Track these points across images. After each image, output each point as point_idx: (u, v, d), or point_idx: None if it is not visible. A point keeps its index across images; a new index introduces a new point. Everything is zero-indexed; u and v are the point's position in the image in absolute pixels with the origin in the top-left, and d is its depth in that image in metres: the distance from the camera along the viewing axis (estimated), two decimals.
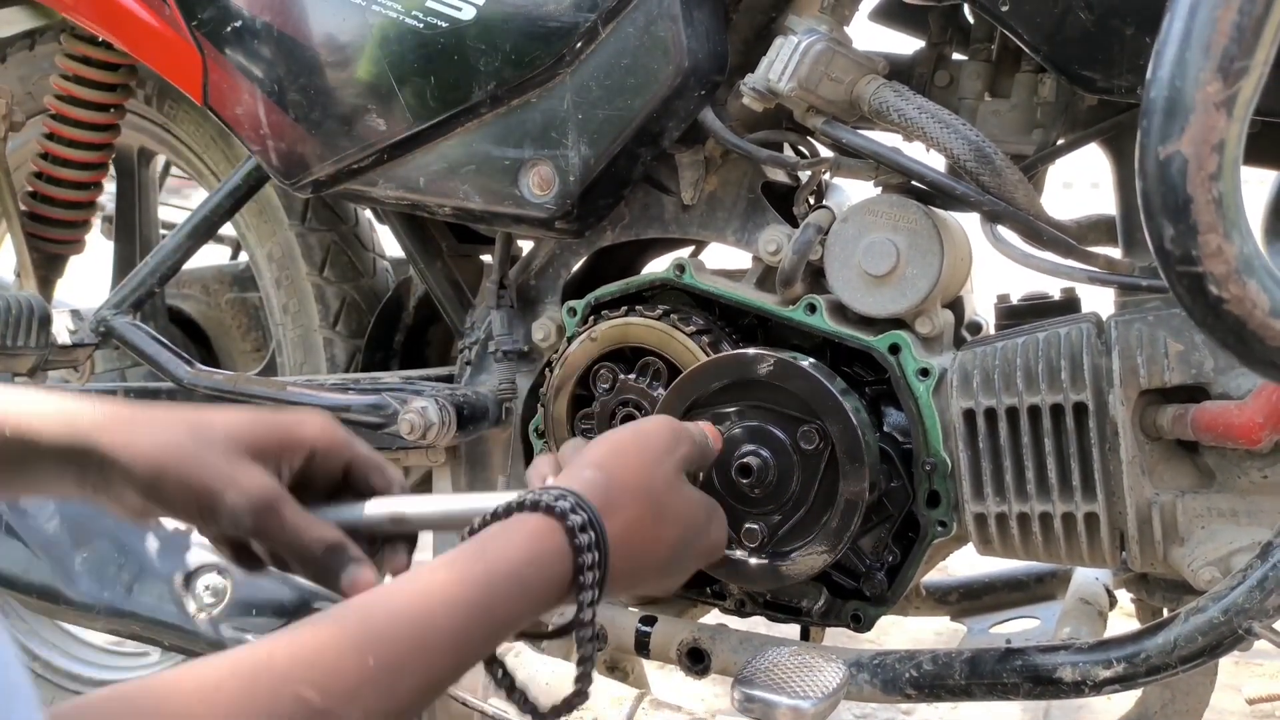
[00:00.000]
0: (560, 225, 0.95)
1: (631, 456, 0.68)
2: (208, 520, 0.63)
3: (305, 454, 0.66)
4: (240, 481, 0.62)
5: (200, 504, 0.62)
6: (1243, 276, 0.43)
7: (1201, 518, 0.80)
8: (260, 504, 0.62)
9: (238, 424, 0.65)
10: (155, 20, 1.06)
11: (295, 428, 0.66)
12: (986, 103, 0.93)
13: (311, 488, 0.67)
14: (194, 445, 0.63)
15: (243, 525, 0.62)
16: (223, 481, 0.62)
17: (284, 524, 0.63)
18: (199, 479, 0.62)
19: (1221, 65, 0.42)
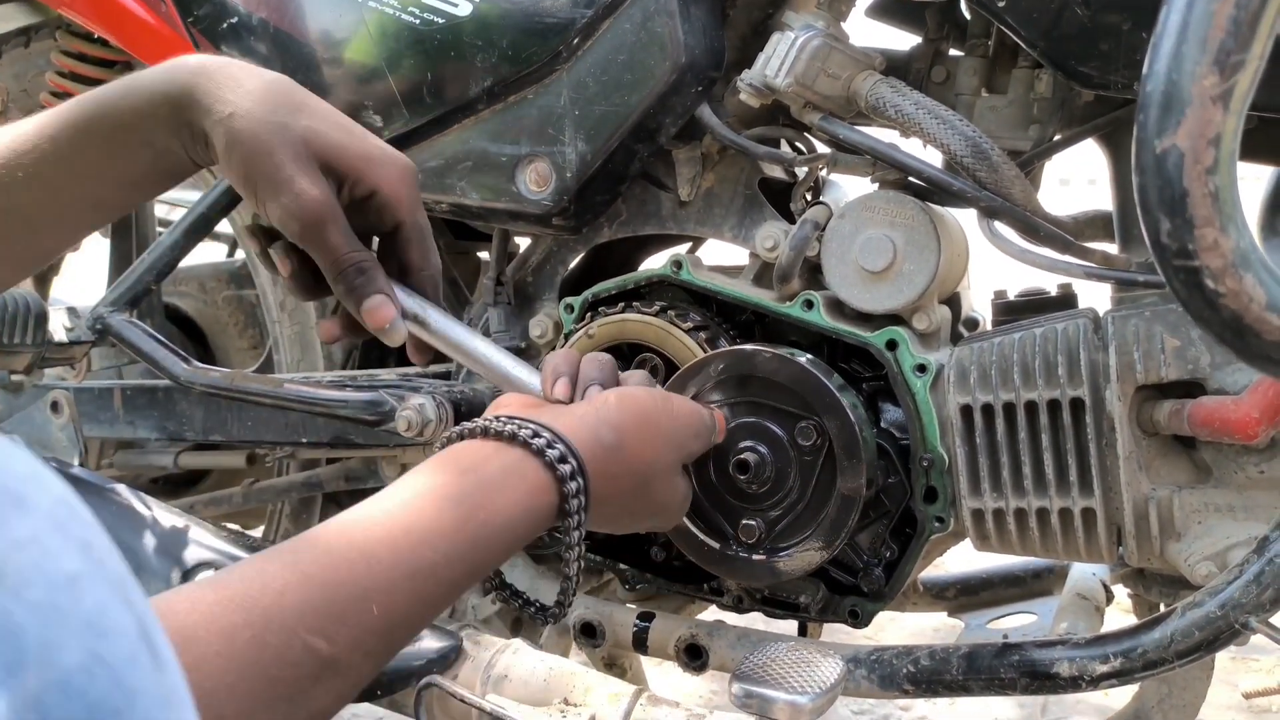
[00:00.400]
0: (557, 222, 0.95)
1: (651, 436, 0.69)
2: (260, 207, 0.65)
3: (368, 191, 0.68)
4: (299, 187, 0.64)
5: (257, 192, 0.65)
6: (1239, 270, 0.43)
7: (1198, 513, 0.80)
8: (310, 216, 0.64)
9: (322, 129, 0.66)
10: (151, 17, 1.06)
11: (371, 164, 0.68)
12: (983, 98, 0.93)
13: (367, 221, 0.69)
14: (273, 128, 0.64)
15: (290, 229, 0.65)
16: (284, 180, 0.64)
17: (328, 239, 0.65)
18: (263, 168, 0.64)
19: (1218, 59, 0.42)
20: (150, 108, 0.66)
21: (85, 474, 1.03)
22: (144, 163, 0.69)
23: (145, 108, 0.66)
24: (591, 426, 0.66)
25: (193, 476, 1.43)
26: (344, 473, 1.19)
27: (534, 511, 0.61)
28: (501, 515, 0.59)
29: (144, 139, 0.67)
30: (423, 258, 0.71)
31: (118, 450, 1.35)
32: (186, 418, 1.17)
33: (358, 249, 0.67)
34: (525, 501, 0.60)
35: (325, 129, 0.66)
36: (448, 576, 0.56)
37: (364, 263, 0.67)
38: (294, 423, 1.10)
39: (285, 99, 0.66)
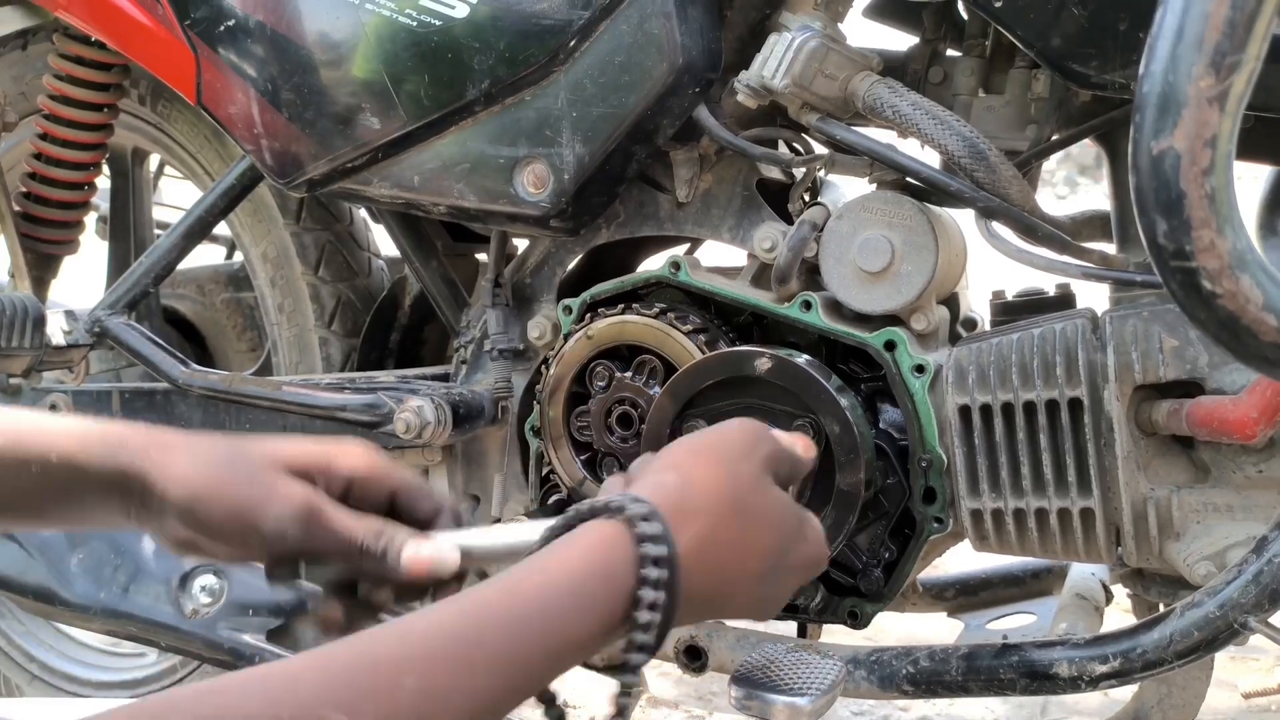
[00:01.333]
0: (555, 223, 0.95)
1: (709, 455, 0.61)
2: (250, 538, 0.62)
3: (344, 482, 0.65)
4: (281, 492, 0.62)
5: (242, 521, 0.61)
6: (1236, 271, 0.43)
7: (1197, 513, 0.80)
8: (304, 509, 0.61)
9: (275, 448, 0.65)
10: (148, 19, 1.06)
11: (333, 455, 0.65)
12: (981, 99, 0.93)
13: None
14: (231, 466, 0.63)
15: (290, 535, 0.61)
16: (263, 495, 0.62)
17: (331, 523, 0.62)
18: (239, 495, 0.62)
19: (1214, 60, 0.42)
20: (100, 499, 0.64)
21: None
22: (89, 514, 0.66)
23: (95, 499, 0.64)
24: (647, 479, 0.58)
25: None
26: None
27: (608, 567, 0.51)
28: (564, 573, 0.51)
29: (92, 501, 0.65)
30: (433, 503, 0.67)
31: None
32: (185, 420, 1.17)
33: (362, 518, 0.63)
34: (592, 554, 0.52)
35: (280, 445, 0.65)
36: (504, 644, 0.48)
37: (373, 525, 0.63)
38: (292, 425, 1.10)
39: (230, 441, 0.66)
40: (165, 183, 1.94)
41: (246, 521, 0.61)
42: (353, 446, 0.67)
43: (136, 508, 0.64)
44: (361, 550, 0.62)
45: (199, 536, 0.63)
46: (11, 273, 1.28)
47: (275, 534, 0.61)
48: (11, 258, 1.26)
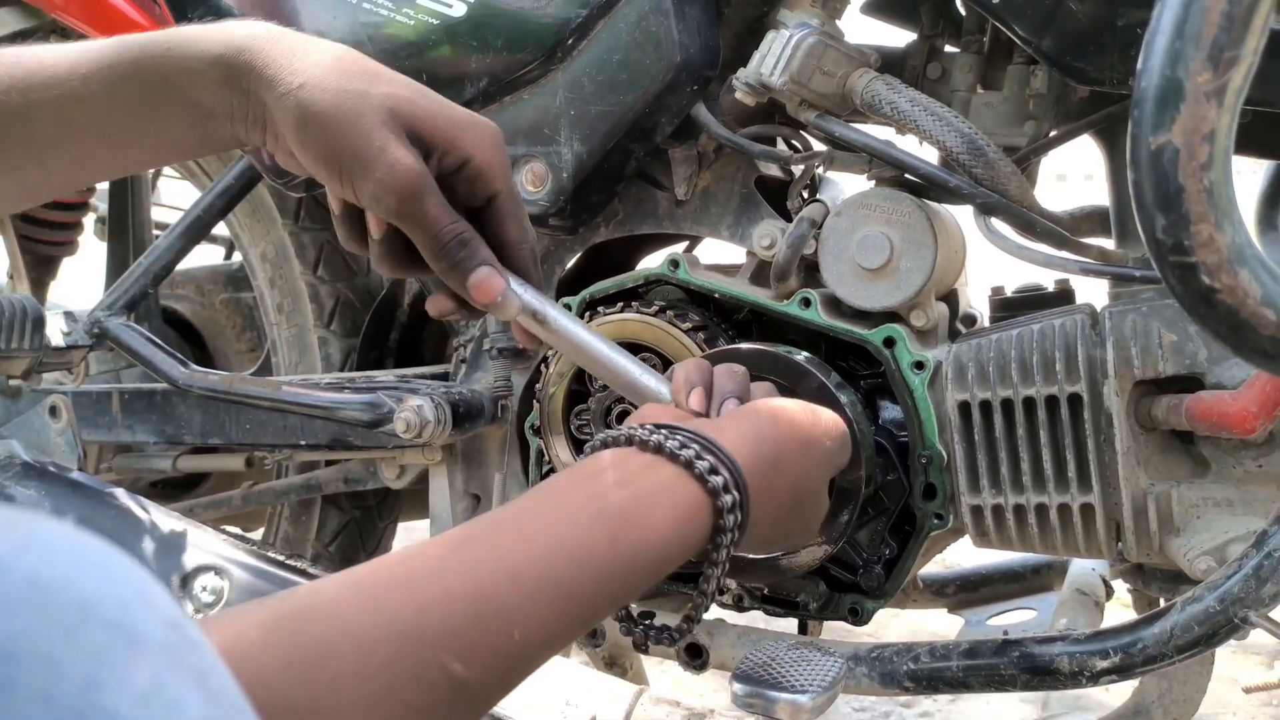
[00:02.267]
0: (554, 222, 0.95)
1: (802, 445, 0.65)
2: (345, 186, 0.59)
3: (459, 161, 0.62)
4: (392, 158, 0.58)
5: (343, 167, 0.58)
6: (1234, 266, 0.43)
7: (1197, 507, 0.80)
8: (407, 186, 0.58)
9: (405, 95, 0.60)
10: (145, 20, 1.06)
11: (462, 131, 0.62)
12: (979, 95, 0.93)
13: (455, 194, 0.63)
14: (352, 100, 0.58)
15: (385, 204, 0.59)
16: (374, 153, 0.58)
17: (426, 211, 0.59)
18: (349, 140, 0.58)
19: (1212, 55, 0.42)
20: (201, 68, 0.59)
21: (84, 478, 1.03)
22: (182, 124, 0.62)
23: (195, 66, 0.59)
24: (751, 441, 0.61)
25: (191, 480, 1.43)
26: (343, 475, 1.19)
27: (688, 533, 0.56)
28: (655, 535, 0.54)
29: (188, 100, 0.60)
30: (520, 231, 0.65)
31: (116, 454, 1.35)
32: (185, 421, 1.17)
33: (456, 220, 0.61)
34: (680, 522, 0.55)
35: (409, 95, 0.60)
36: (593, 599, 0.51)
37: (465, 234, 0.61)
38: (292, 425, 1.10)
39: (359, 66, 0.60)
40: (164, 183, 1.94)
41: (348, 170, 0.58)
42: (483, 129, 0.63)
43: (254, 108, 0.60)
44: (442, 249, 0.60)
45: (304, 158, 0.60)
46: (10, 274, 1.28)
47: (372, 196, 0.59)
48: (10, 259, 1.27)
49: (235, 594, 0.93)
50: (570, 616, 0.50)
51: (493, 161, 0.63)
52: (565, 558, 0.50)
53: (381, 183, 0.58)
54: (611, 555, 0.52)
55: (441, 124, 0.61)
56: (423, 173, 0.59)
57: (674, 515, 0.55)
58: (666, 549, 0.55)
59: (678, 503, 0.56)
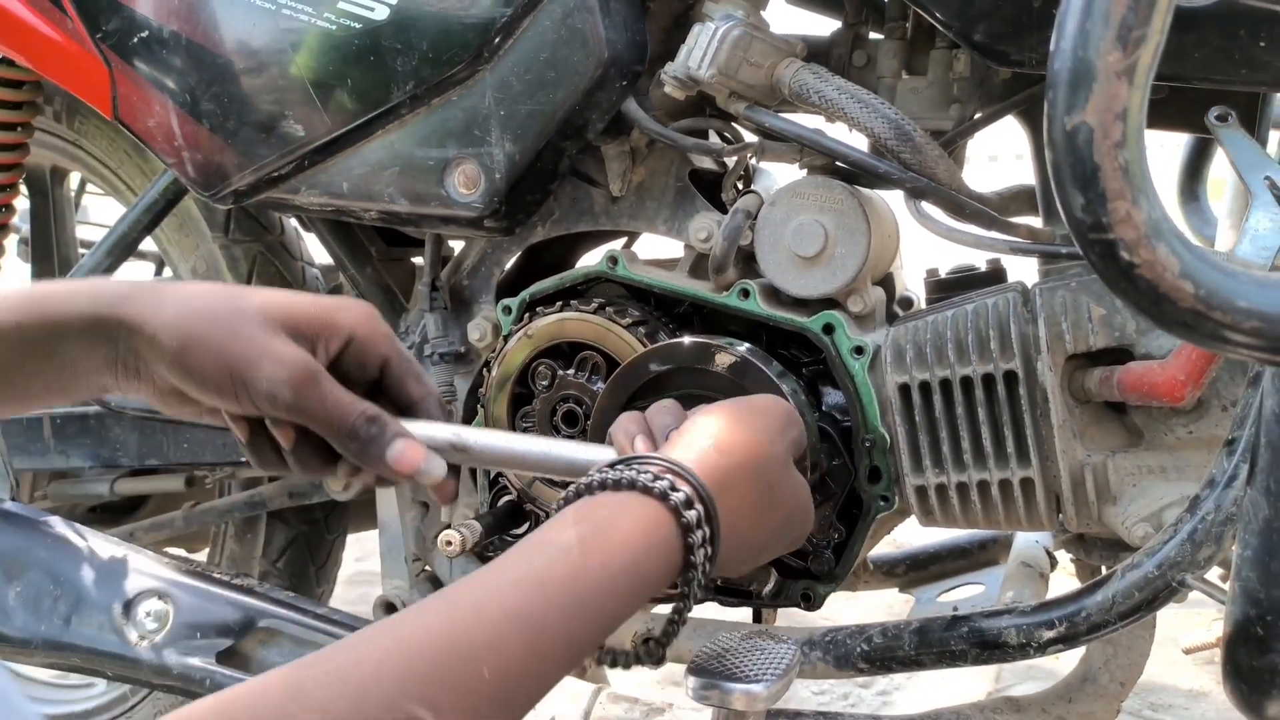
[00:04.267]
0: (489, 224, 0.95)
1: (749, 435, 0.64)
2: (240, 395, 0.59)
3: (343, 340, 0.62)
4: (278, 354, 0.59)
5: (233, 375, 0.59)
6: (1152, 241, 0.44)
7: (1132, 476, 0.82)
8: (299, 376, 0.59)
9: (274, 300, 0.61)
10: (58, 34, 1.03)
11: (335, 311, 0.63)
12: (904, 81, 0.94)
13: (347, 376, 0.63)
14: (227, 314, 0.59)
15: (280, 399, 0.59)
16: (258, 352, 0.59)
17: (324, 397, 0.60)
18: (232, 349, 0.59)
19: (1120, 34, 0.43)
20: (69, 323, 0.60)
21: (17, 508, 1.00)
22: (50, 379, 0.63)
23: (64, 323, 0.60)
24: (695, 448, 0.61)
25: (131, 503, 1.40)
26: (287, 490, 1.18)
27: (656, 546, 0.55)
28: (621, 554, 0.53)
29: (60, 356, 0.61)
30: (421, 384, 0.66)
31: (51, 481, 1.31)
32: (120, 443, 1.15)
33: (357, 400, 0.61)
34: (643, 536, 0.54)
35: (276, 299, 0.62)
36: (566, 629, 0.50)
37: (369, 411, 0.61)
38: (232, 442, 1.08)
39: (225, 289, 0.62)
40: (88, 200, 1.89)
41: (238, 377, 0.59)
42: (354, 305, 0.64)
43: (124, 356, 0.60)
44: (350, 432, 0.60)
45: (189, 386, 0.60)
46: None
47: (267, 395, 0.59)
48: None
49: (180, 618, 0.91)
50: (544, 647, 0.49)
51: (374, 331, 0.64)
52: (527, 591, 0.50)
53: (273, 379, 0.59)
54: (576, 580, 0.51)
55: (315, 312, 0.62)
56: (310, 360, 0.60)
57: (636, 533, 0.54)
58: (639, 569, 0.54)
59: (636, 519, 0.55)
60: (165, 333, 0.59)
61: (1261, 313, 0.44)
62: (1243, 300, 0.44)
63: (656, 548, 0.55)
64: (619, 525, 0.54)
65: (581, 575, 0.52)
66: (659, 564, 0.55)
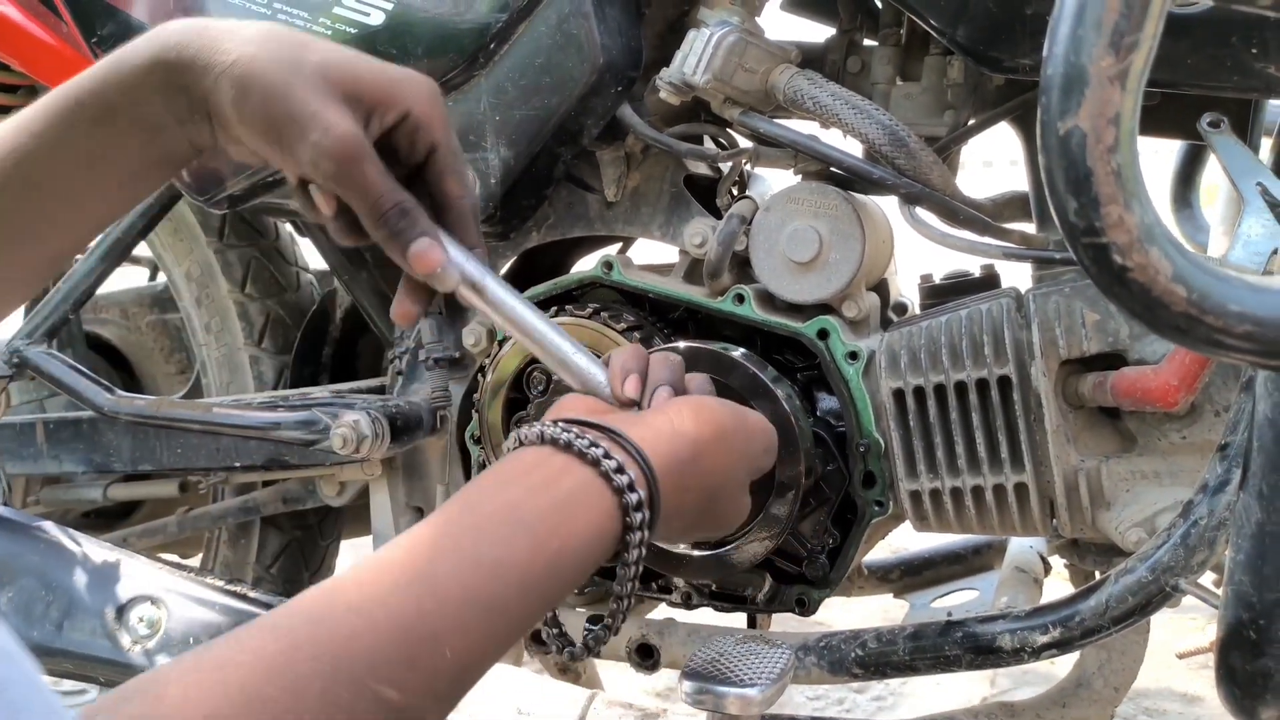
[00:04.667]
0: (484, 228, 0.94)
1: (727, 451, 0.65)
2: (284, 155, 0.59)
3: (399, 115, 0.61)
4: (328, 121, 0.58)
5: (281, 134, 0.58)
6: (1145, 245, 0.44)
7: (1126, 481, 0.82)
8: (346, 150, 0.58)
9: (337, 59, 0.60)
10: (52, 39, 1.03)
11: (397, 85, 0.61)
12: (898, 87, 0.95)
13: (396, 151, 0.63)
14: (286, 67, 0.58)
15: (323, 168, 0.58)
16: (309, 117, 0.58)
17: (365, 176, 0.59)
18: (284, 108, 0.58)
19: (1113, 40, 0.43)
20: (138, 79, 0.59)
21: (10, 513, 1.00)
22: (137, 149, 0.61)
23: (132, 79, 0.59)
24: (668, 439, 0.62)
25: (125, 508, 1.39)
26: (281, 495, 1.17)
27: (603, 537, 0.57)
28: (575, 541, 0.55)
29: (134, 118, 0.60)
30: (461, 185, 0.65)
31: (44, 486, 1.31)
32: (114, 449, 1.14)
33: (396, 188, 0.61)
34: (596, 528, 0.56)
35: (341, 58, 0.60)
36: (520, 611, 0.52)
37: (405, 203, 0.61)
38: (226, 447, 1.08)
39: (289, 37, 0.60)
40: None
41: (285, 137, 0.58)
42: (418, 81, 0.63)
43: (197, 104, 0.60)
44: (381, 217, 0.60)
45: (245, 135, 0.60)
46: None
47: (310, 161, 0.58)
48: None
49: (173, 623, 0.90)
50: (500, 629, 0.51)
51: (431, 113, 0.63)
52: (489, 573, 0.51)
53: (318, 146, 0.58)
54: (533, 565, 0.52)
55: (377, 80, 0.61)
56: (359, 136, 0.59)
57: (590, 519, 0.56)
58: (588, 551, 0.55)
59: (593, 506, 0.56)
60: (225, 79, 0.58)
61: (1254, 317, 0.44)
62: (1235, 304, 0.44)
63: (605, 538, 0.57)
64: (577, 512, 0.56)
65: (539, 557, 0.53)
66: (603, 554, 0.57)
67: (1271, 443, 0.62)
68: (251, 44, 0.59)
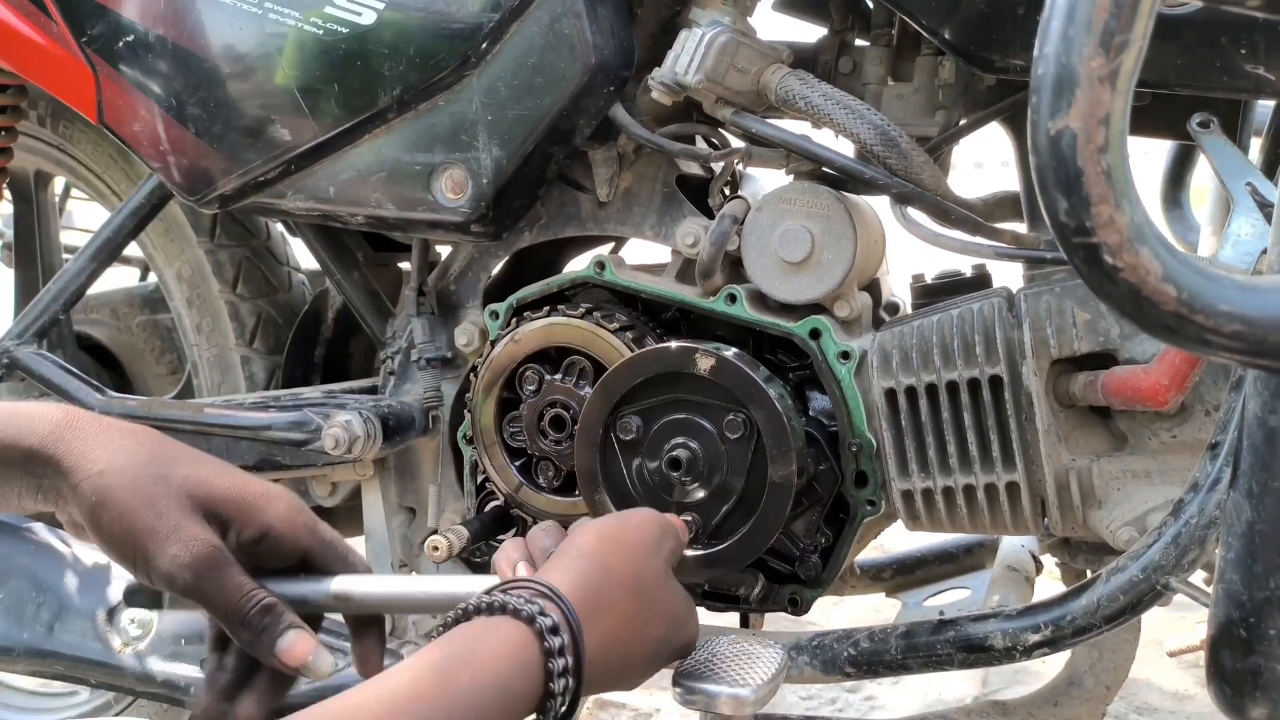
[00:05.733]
0: (476, 228, 0.95)
1: (624, 548, 0.65)
2: (140, 568, 0.60)
3: (259, 531, 0.63)
4: (186, 535, 0.60)
5: (138, 548, 0.60)
6: (1135, 245, 0.44)
7: (1117, 480, 0.82)
8: (202, 561, 0.60)
9: (198, 478, 0.62)
10: (42, 38, 1.03)
11: (257, 500, 0.63)
12: (890, 87, 0.95)
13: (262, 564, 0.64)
14: (148, 483, 0.60)
15: (178, 581, 0.60)
16: (167, 532, 0.59)
17: (223, 584, 0.61)
18: (143, 522, 0.59)
19: (1103, 40, 0.43)
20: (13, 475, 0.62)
21: (0, 516, 0.99)
22: None
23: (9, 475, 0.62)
24: (572, 571, 0.62)
25: None
26: None
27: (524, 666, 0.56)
28: (486, 673, 0.54)
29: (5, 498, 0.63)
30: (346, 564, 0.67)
31: None
32: None
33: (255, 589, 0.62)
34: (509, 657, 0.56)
35: (205, 475, 0.63)
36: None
37: (264, 599, 0.62)
38: (217, 448, 1.07)
39: (159, 450, 0.63)
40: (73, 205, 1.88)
41: (142, 551, 0.60)
42: (279, 499, 0.65)
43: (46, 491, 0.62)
44: (243, 619, 0.61)
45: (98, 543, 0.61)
46: None
47: (166, 575, 0.60)
48: None
49: (164, 625, 0.90)
50: None
51: (291, 524, 0.64)
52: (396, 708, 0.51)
53: (176, 559, 0.59)
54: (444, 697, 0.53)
55: (235, 499, 0.63)
56: (218, 547, 0.61)
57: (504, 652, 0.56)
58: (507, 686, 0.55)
59: (505, 638, 0.56)
60: (87, 487, 0.60)
61: (1243, 316, 0.44)
62: (1225, 304, 0.44)
63: (525, 668, 0.56)
64: (487, 644, 0.56)
65: (449, 690, 0.53)
66: (528, 684, 0.56)
67: (1261, 441, 0.62)
68: (122, 454, 0.61)
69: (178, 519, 0.60)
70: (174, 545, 0.59)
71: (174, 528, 0.60)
